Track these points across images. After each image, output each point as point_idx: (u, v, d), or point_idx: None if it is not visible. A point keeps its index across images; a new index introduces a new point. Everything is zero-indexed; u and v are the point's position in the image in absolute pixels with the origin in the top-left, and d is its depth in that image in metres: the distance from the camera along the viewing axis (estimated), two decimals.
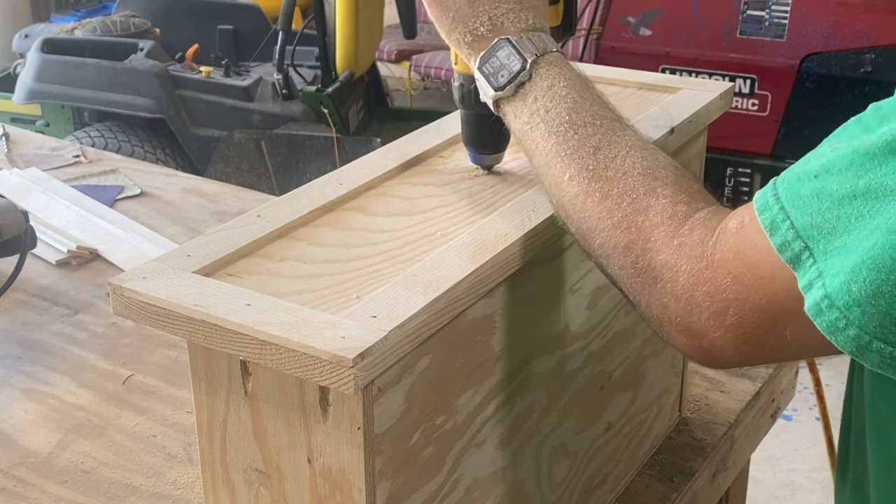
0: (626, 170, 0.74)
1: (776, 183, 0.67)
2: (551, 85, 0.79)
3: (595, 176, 0.75)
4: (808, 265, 0.63)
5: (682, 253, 0.70)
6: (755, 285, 0.66)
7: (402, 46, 4.97)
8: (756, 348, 0.69)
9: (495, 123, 0.85)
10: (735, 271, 0.67)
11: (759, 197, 0.67)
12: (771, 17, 4.54)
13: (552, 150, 0.77)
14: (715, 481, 1.22)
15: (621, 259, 0.73)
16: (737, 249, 0.67)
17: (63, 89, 3.49)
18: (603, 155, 0.76)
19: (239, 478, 0.79)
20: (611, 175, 0.74)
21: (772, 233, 0.65)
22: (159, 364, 1.29)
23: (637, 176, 0.74)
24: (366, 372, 0.66)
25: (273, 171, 3.45)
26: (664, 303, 0.71)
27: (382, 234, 0.83)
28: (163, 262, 0.77)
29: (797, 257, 0.63)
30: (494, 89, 0.81)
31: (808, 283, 0.63)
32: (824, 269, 0.62)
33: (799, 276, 0.63)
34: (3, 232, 1.31)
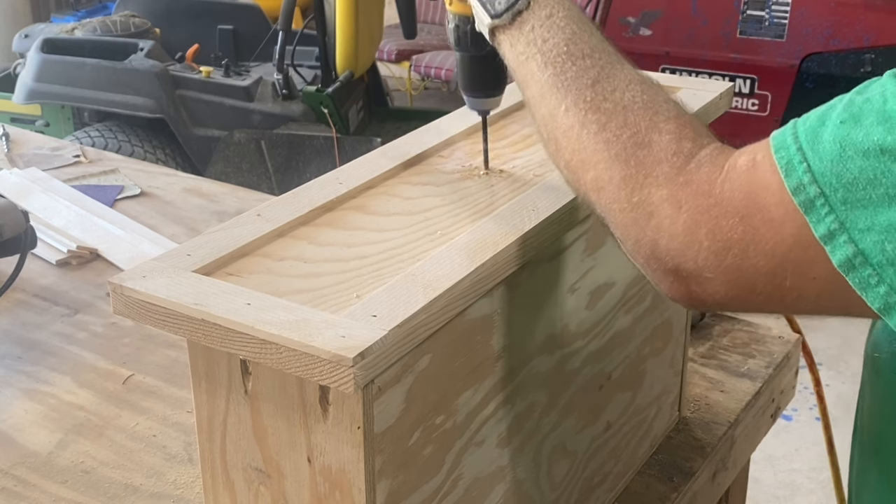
0: (626, 103, 0.72)
1: (797, 123, 0.65)
2: (550, 14, 0.77)
3: (593, 107, 0.72)
4: (822, 212, 0.61)
5: (688, 190, 0.67)
6: (763, 227, 0.64)
7: (402, 46, 4.97)
8: (749, 294, 0.66)
9: (491, 64, 0.84)
10: (743, 210, 0.64)
11: (778, 135, 0.65)
12: (771, 17, 4.54)
13: (548, 81, 0.75)
14: (715, 481, 1.22)
15: (615, 192, 0.70)
16: (748, 188, 0.65)
17: (63, 89, 3.49)
18: (601, 87, 0.73)
19: (239, 477, 0.79)
20: (609, 107, 0.72)
21: (787, 174, 0.62)
22: (159, 364, 1.29)
23: (638, 109, 0.71)
24: (366, 371, 0.66)
25: (273, 171, 3.45)
26: (655, 240, 0.68)
27: (382, 234, 0.83)
28: (163, 262, 0.77)
29: (811, 202, 0.61)
30: (491, 16, 0.79)
31: (829, 233, 0.61)
32: (847, 222, 0.60)
33: (812, 223, 0.61)
34: (4, 232, 1.31)
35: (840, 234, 0.60)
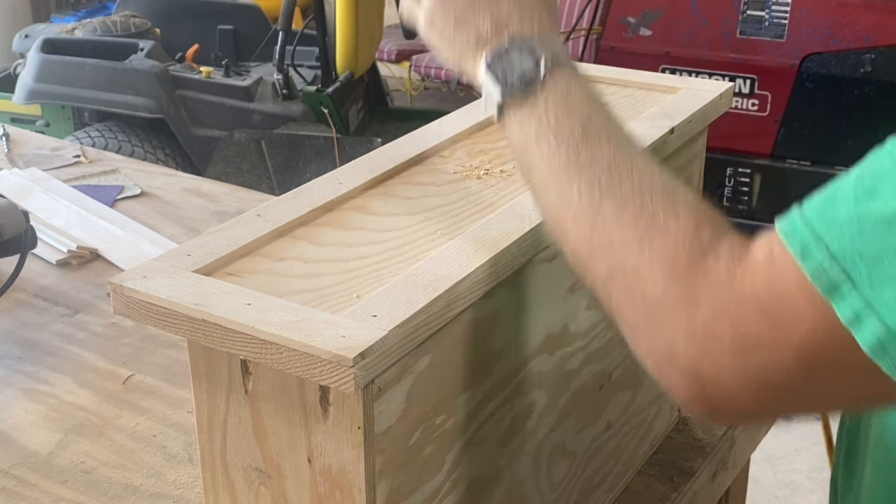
0: (644, 188, 0.67)
1: (802, 207, 0.61)
2: (566, 94, 0.72)
3: (608, 192, 0.67)
4: (847, 293, 0.56)
5: (707, 286, 0.62)
6: (787, 320, 0.59)
7: (402, 46, 4.97)
8: (776, 395, 0.62)
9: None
10: (766, 304, 0.60)
11: (784, 223, 0.61)
12: (771, 17, 4.54)
13: (560, 164, 0.70)
14: (715, 481, 1.22)
15: (627, 286, 0.66)
16: (768, 281, 0.60)
17: (63, 89, 3.49)
18: (618, 171, 0.68)
19: (239, 477, 0.79)
20: (626, 191, 0.67)
21: (804, 258, 0.58)
22: (159, 364, 1.29)
23: (656, 194, 0.67)
24: (366, 371, 0.66)
25: (273, 171, 3.45)
26: (672, 338, 0.63)
27: (383, 234, 0.83)
28: (163, 262, 0.77)
29: (833, 285, 0.57)
30: (503, 87, 0.73)
31: (855, 315, 0.56)
32: (874, 301, 0.55)
33: (837, 306, 0.57)
34: (4, 232, 1.31)
35: (868, 314, 0.56)
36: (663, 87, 1.11)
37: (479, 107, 1.09)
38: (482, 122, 1.05)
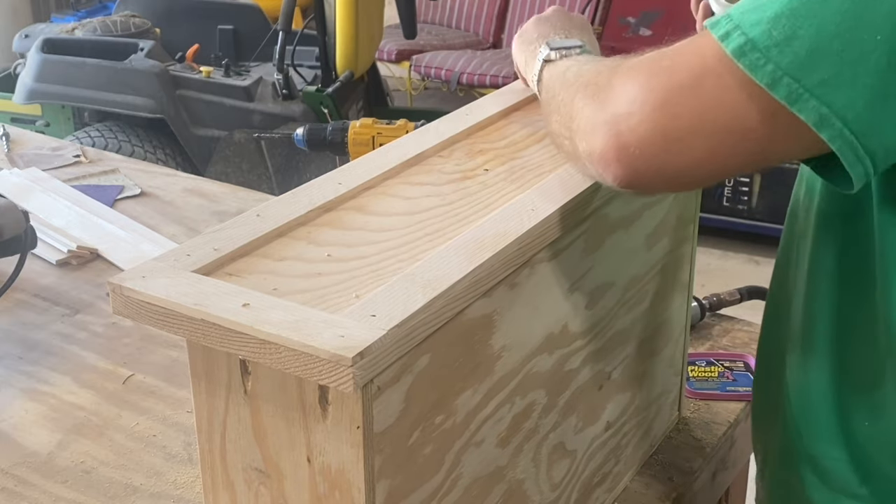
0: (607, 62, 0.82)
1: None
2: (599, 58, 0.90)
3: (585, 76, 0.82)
4: (723, 22, 0.70)
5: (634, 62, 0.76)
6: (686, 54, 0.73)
7: (402, 46, 4.97)
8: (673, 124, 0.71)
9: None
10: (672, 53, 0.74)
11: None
12: None
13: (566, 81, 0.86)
14: (715, 481, 1.22)
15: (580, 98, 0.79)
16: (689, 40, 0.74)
17: (63, 89, 3.49)
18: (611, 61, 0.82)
19: (239, 477, 0.79)
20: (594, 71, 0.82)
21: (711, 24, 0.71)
22: (159, 364, 1.30)
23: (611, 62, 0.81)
24: (365, 371, 0.66)
25: (273, 171, 3.45)
26: (602, 100, 0.75)
27: (382, 234, 0.83)
28: (163, 262, 0.77)
29: (716, 22, 0.71)
30: (550, 49, 0.94)
31: (726, 33, 0.70)
32: (741, 23, 0.69)
33: (715, 32, 0.70)
34: (4, 232, 1.31)
35: (735, 31, 0.69)
36: None
37: (478, 107, 1.09)
38: (482, 122, 1.05)
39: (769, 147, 0.72)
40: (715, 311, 1.46)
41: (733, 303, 1.46)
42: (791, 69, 0.67)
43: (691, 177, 0.76)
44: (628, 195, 0.98)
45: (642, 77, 0.73)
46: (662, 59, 0.74)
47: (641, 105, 0.72)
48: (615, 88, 0.75)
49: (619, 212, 0.98)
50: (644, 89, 0.72)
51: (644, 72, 0.74)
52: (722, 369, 1.33)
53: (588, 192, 0.89)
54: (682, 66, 0.72)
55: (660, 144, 0.72)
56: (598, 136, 0.74)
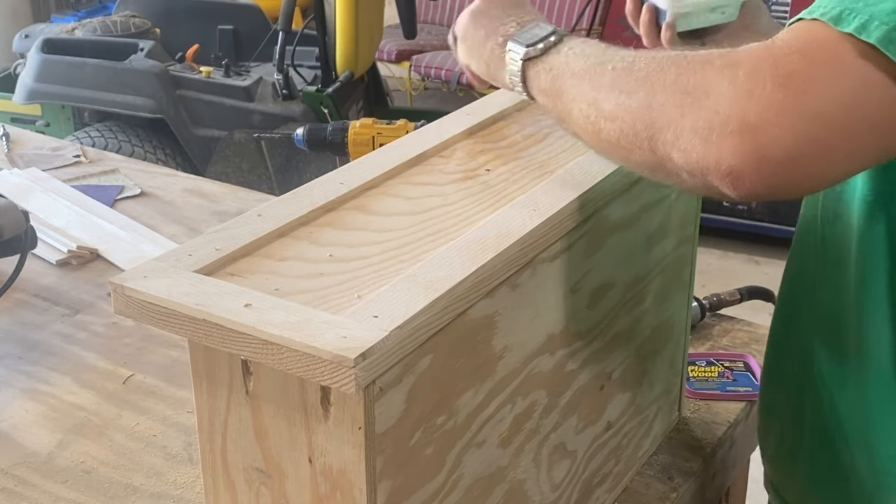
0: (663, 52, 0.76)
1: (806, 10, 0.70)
2: (584, 39, 0.85)
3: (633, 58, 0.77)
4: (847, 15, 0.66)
5: (740, 56, 0.69)
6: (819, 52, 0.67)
7: (402, 46, 4.97)
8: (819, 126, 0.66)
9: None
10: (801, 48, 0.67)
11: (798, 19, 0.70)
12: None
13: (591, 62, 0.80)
14: (715, 481, 1.22)
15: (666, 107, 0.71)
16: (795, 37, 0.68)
17: (63, 89, 3.49)
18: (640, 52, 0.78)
19: (240, 477, 0.79)
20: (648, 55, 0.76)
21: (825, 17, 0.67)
22: (160, 364, 1.29)
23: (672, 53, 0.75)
24: (367, 372, 0.66)
25: (273, 171, 3.45)
26: (715, 104, 0.67)
27: (383, 234, 0.83)
28: (164, 262, 0.77)
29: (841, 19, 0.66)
30: (526, 47, 0.86)
31: (861, 26, 0.65)
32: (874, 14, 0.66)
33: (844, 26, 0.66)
34: (4, 232, 1.31)
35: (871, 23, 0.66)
36: None
37: (479, 107, 1.09)
38: (482, 122, 1.05)
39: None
40: (715, 311, 1.46)
41: (733, 303, 1.47)
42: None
43: (827, 180, 0.71)
44: (630, 196, 0.98)
45: (774, 79, 0.66)
46: (786, 58, 0.67)
47: (784, 112, 0.65)
48: (731, 90, 0.67)
49: (621, 212, 0.98)
50: (784, 92, 0.66)
51: (771, 73, 0.67)
52: (722, 369, 1.33)
53: (590, 192, 0.89)
54: (819, 64, 0.66)
55: (809, 152, 0.66)
56: (722, 149, 0.67)
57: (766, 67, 0.67)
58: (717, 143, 0.67)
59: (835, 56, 0.66)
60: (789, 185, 0.68)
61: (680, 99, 0.70)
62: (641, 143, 0.73)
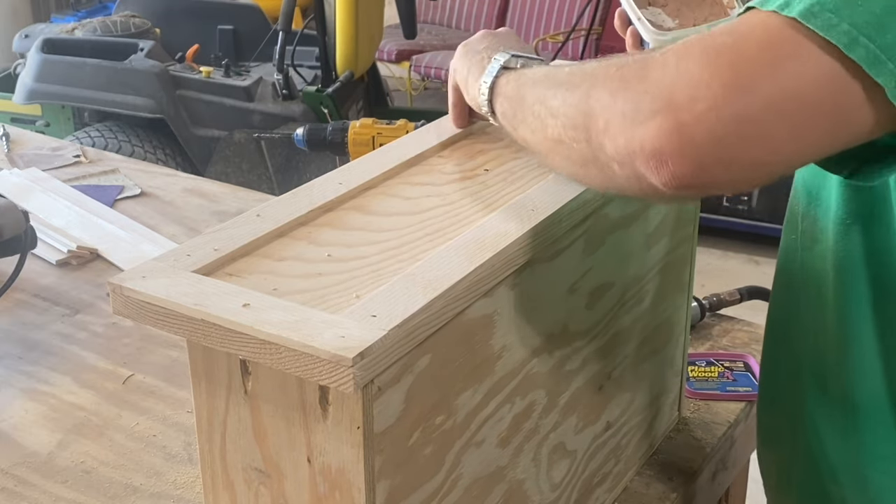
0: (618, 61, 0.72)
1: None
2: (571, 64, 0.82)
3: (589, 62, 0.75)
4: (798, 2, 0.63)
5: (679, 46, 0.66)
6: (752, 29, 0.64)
7: (402, 46, 4.97)
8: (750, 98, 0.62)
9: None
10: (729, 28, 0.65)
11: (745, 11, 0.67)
12: None
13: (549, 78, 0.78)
14: (715, 481, 1.22)
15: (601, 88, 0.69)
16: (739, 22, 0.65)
17: (63, 89, 3.49)
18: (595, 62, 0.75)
19: (239, 477, 0.79)
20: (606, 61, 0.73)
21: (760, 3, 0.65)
22: (159, 364, 1.30)
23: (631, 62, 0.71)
24: (365, 371, 0.66)
25: (273, 171, 3.45)
26: (645, 91, 0.65)
27: (382, 234, 0.83)
28: (163, 262, 0.77)
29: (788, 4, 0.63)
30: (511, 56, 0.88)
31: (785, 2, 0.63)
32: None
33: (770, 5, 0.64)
34: (4, 232, 1.31)
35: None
36: None
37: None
38: (481, 122, 1.05)
39: (847, 121, 0.64)
40: (715, 311, 1.46)
41: (733, 303, 1.47)
42: (866, 29, 0.61)
43: (764, 168, 0.65)
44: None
45: (701, 56, 0.63)
46: (717, 37, 0.64)
47: (708, 86, 0.62)
48: (662, 72, 0.64)
49: (620, 212, 0.98)
50: (710, 67, 0.62)
51: (700, 50, 0.64)
52: (722, 369, 1.33)
53: (588, 192, 0.89)
54: (748, 39, 0.63)
55: (734, 131, 0.62)
56: (646, 130, 0.63)
57: (696, 48, 0.64)
58: (643, 124, 0.64)
59: (763, 30, 0.63)
60: (720, 172, 0.64)
61: (616, 86, 0.68)
62: (579, 136, 0.71)
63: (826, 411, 0.92)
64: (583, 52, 4.34)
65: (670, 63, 0.64)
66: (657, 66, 0.65)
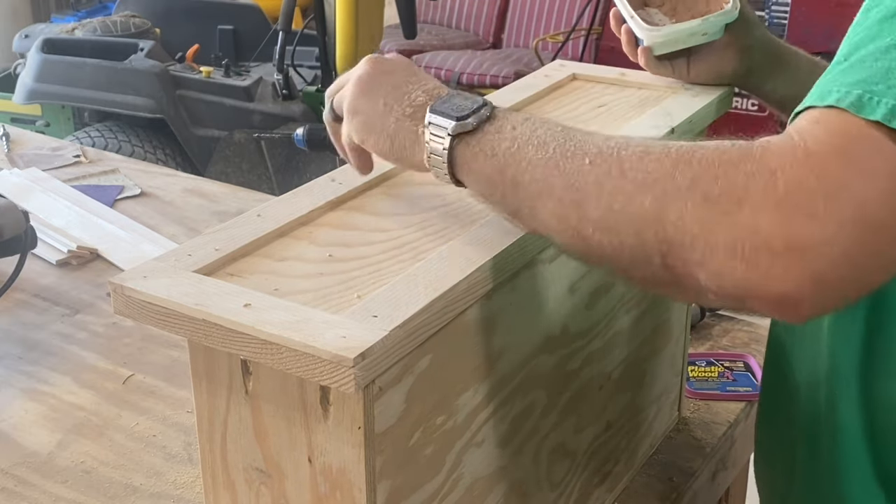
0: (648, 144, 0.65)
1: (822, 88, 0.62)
2: (526, 118, 0.72)
3: (617, 152, 0.65)
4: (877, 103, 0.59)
5: (772, 154, 0.59)
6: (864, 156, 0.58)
7: (402, 46, 4.96)
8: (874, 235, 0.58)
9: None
10: (838, 148, 0.59)
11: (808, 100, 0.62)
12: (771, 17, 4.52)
13: (556, 152, 0.68)
14: (715, 481, 1.22)
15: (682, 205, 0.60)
16: (827, 134, 0.59)
17: (63, 89, 3.49)
18: (615, 141, 0.67)
19: (239, 477, 0.79)
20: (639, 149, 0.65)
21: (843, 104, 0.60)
22: (159, 364, 1.29)
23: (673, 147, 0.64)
24: (366, 371, 0.66)
25: (273, 171, 3.45)
26: (755, 221, 0.58)
27: (383, 234, 0.83)
28: (164, 262, 0.77)
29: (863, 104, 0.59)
30: (455, 120, 0.72)
31: (890, 112, 0.58)
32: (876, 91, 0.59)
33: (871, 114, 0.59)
34: (4, 232, 1.31)
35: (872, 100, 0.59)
36: (663, 87, 1.11)
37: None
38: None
39: None
40: (715, 311, 1.46)
41: None
42: None
43: (875, 288, 0.61)
44: None
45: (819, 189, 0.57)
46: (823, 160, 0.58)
47: (836, 226, 0.57)
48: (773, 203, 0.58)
49: None
50: (834, 205, 0.57)
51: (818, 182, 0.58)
52: (722, 369, 1.33)
53: None
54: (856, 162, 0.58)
55: (862, 267, 0.58)
56: (773, 274, 0.58)
57: (812, 178, 0.58)
58: (764, 268, 0.58)
59: (869, 150, 0.58)
60: (842, 302, 0.61)
61: (704, 211, 0.60)
62: (651, 259, 0.63)
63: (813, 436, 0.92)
64: (583, 53, 4.34)
65: (778, 190, 0.58)
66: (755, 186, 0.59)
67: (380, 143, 0.79)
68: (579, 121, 1.04)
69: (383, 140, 0.78)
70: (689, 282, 0.62)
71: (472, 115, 0.72)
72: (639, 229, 0.63)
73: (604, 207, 0.64)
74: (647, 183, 0.62)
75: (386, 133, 0.78)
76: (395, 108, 0.77)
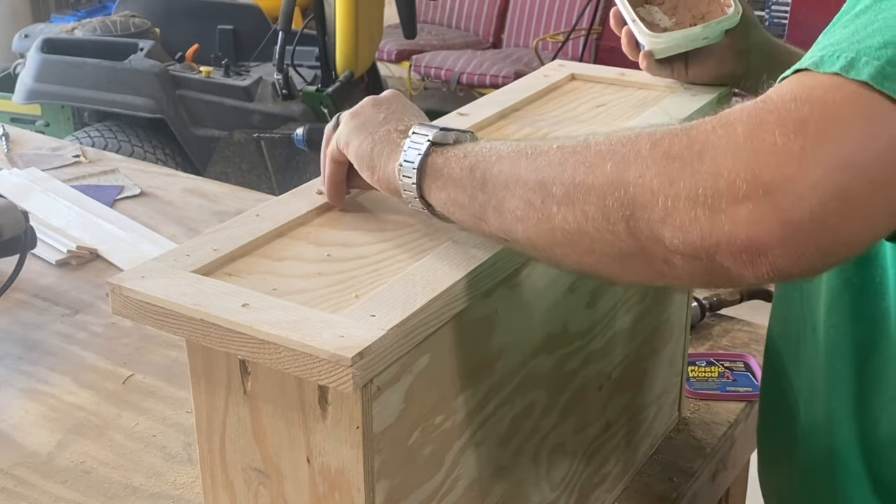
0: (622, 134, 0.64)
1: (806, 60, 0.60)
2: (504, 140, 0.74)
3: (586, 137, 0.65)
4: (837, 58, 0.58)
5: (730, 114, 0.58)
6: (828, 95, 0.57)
7: (402, 46, 4.97)
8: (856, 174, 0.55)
9: None
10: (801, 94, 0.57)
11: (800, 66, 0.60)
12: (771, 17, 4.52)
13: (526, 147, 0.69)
14: (715, 481, 1.22)
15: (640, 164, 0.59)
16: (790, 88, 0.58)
17: (63, 89, 3.49)
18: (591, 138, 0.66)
19: (238, 477, 0.79)
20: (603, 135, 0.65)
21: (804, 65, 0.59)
22: (159, 364, 1.29)
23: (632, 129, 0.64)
24: (364, 371, 0.66)
25: (273, 171, 3.45)
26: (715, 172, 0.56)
27: (381, 234, 0.83)
28: (162, 262, 0.77)
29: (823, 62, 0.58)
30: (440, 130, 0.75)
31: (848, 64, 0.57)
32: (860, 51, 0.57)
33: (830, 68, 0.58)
34: (3, 232, 1.31)
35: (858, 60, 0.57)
36: (663, 87, 1.11)
37: (477, 107, 1.09)
38: (480, 122, 1.05)
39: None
40: (715, 311, 1.46)
41: (733, 303, 1.47)
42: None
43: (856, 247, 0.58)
44: None
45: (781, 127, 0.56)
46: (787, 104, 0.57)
47: (801, 163, 0.54)
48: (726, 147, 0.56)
49: None
50: (798, 140, 0.55)
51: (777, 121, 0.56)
52: (722, 369, 1.33)
53: None
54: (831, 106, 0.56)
55: (836, 210, 0.55)
56: (733, 218, 0.55)
57: (771, 118, 0.56)
58: (728, 212, 0.55)
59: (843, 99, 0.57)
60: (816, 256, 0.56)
61: (665, 165, 0.58)
62: (615, 226, 0.61)
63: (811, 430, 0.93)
64: (583, 52, 4.34)
65: (737, 135, 0.57)
66: (715, 138, 0.57)
67: (362, 146, 0.80)
68: (578, 121, 1.04)
69: (367, 143, 0.80)
70: (655, 248, 0.60)
71: (455, 133, 0.75)
72: (601, 195, 0.61)
73: (567, 182, 0.64)
74: (609, 152, 0.62)
75: (372, 137, 0.80)
76: (392, 121, 0.81)
